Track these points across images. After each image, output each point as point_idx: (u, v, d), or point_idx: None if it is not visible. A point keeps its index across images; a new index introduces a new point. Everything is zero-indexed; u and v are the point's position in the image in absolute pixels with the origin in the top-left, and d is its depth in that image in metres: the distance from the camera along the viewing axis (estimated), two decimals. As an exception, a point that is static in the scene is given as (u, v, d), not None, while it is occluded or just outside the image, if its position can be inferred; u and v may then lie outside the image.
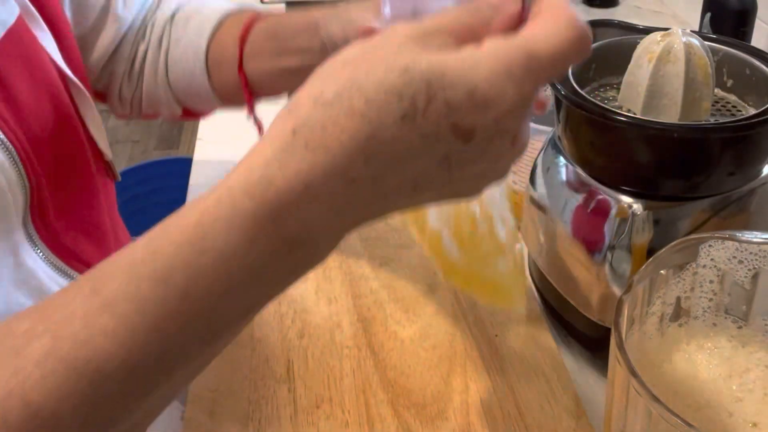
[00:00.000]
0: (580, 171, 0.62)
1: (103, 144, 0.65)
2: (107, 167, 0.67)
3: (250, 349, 0.68)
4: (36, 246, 0.56)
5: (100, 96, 0.77)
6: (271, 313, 0.72)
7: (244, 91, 0.70)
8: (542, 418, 0.61)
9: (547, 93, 0.63)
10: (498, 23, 0.35)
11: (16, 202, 0.54)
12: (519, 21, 0.36)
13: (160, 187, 1.71)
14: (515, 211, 0.83)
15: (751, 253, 0.51)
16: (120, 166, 2.32)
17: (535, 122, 0.81)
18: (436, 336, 0.69)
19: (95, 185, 0.63)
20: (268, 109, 0.73)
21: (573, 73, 0.62)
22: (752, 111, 0.60)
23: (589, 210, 0.61)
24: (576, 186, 0.62)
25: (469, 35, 0.35)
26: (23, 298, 0.54)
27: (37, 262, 0.56)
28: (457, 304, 0.72)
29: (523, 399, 0.63)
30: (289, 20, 0.67)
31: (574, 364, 0.67)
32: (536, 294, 0.73)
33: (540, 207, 0.67)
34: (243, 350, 0.68)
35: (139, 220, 1.70)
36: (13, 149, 0.53)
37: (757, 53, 0.62)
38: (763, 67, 0.61)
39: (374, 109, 0.31)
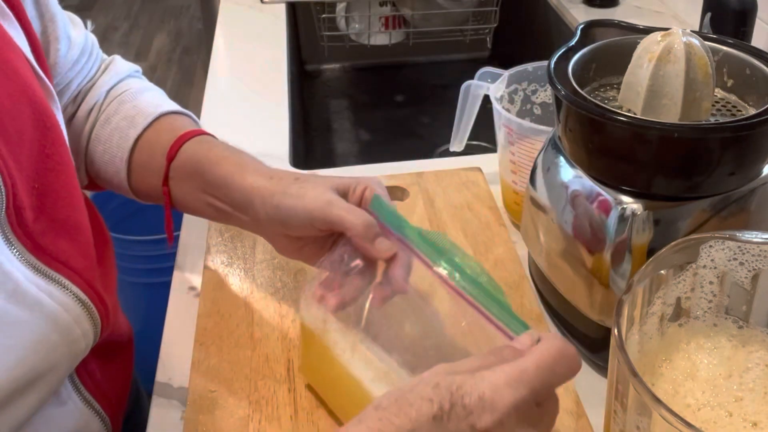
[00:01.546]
0: (580, 171, 0.62)
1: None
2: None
3: (250, 349, 0.68)
4: (12, 246, 0.55)
5: None
6: (271, 313, 0.72)
7: (165, 206, 0.70)
8: (542, 418, 0.61)
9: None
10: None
11: None
12: None
13: (160, 187, 1.71)
14: (515, 211, 0.83)
15: (751, 254, 0.51)
16: (120, 166, 2.32)
17: (536, 122, 0.81)
18: (436, 336, 0.69)
19: (73, 185, 0.62)
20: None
21: (573, 73, 0.62)
22: (752, 111, 0.60)
23: (589, 210, 0.61)
24: (576, 186, 0.62)
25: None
26: (2, 302, 0.53)
27: (13, 263, 0.55)
28: (457, 304, 0.72)
29: (523, 399, 0.63)
30: (217, 167, 0.65)
31: (574, 364, 0.67)
32: (536, 294, 0.73)
33: (540, 207, 0.67)
34: (243, 350, 0.68)
35: (139, 220, 1.70)
36: None
37: (757, 53, 0.62)
38: (764, 67, 0.61)
39: (414, 410, 0.43)
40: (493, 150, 0.87)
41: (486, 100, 0.85)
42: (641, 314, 0.51)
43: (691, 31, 0.59)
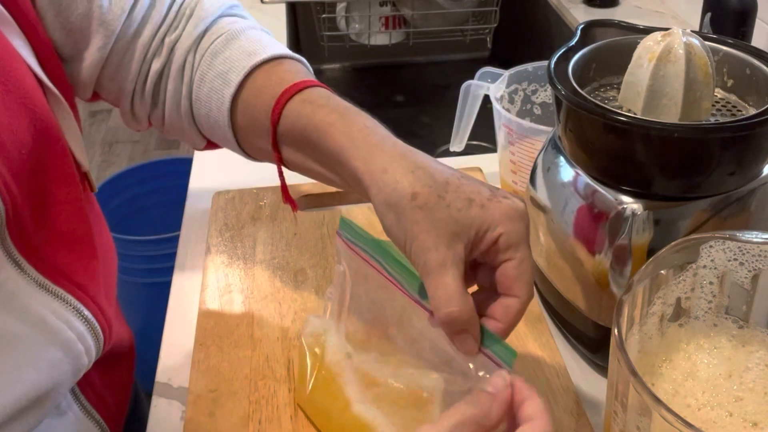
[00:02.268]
0: (580, 171, 0.62)
1: (80, 155, 0.61)
2: (85, 178, 0.63)
3: (250, 349, 0.68)
4: (16, 262, 0.53)
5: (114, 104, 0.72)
6: (271, 313, 0.72)
7: (279, 174, 0.62)
8: (542, 418, 0.61)
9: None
10: (496, 411, 0.45)
11: None
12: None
13: (160, 187, 1.71)
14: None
15: (751, 254, 0.51)
16: (120, 166, 2.33)
17: (536, 122, 0.81)
18: (436, 336, 0.69)
19: (76, 197, 0.59)
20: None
21: (573, 73, 0.62)
22: (752, 111, 0.60)
23: (589, 210, 0.61)
24: (576, 186, 0.62)
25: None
26: (4, 318, 0.52)
27: (17, 281, 0.53)
28: (457, 304, 0.72)
29: (523, 399, 0.63)
30: (326, 139, 0.55)
31: (574, 364, 0.67)
32: (536, 294, 0.73)
33: (540, 207, 0.67)
34: (243, 350, 0.68)
35: (139, 220, 1.70)
36: None
37: (757, 53, 0.62)
38: (764, 67, 0.61)
39: None
40: (493, 150, 0.87)
41: (486, 100, 0.85)
42: (641, 314, 0.51)
43: (691, 31, 0.59)
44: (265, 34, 0.67)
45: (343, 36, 1.49)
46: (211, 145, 0.70)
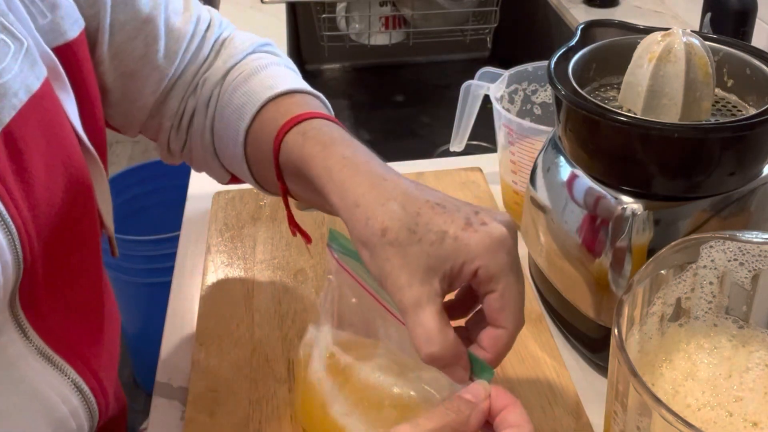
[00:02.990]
0: (580, 171, 0.62)
1: (107, 218, 0.60)
2: (108, 241, 0.62)
3: (250, 349, 0.68)
4: (21, 328, 0.51)
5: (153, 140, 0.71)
6: (271, 313, 0.72)
7: (285, 205, 0.62)
8: (542, 418, 0.61)
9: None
10: (474, 419, 0.45)
11: (6, 285, 0.48)
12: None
13: (160, 187, 1.71)
14: (515, 211, 0.83)
15: (752, 254, 0.51)
16: (120, 166, 2.33)
17: (536, 122, 0.81)
18: (436, 336, 0.69)
19: (91, 261, 0.57)
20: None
21: (573, 73, 0.62)
22: (752, 111, 0.60)
23: (589, 210, 0.61)
24: (576, 186, 0.62)
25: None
26: (5, 394, 0.50)
27: (19, 348, 0.51)
28: (457, 304, 0.72)
29: (524, 399, 0.63)
30: (310, 170, 0.53)
31: (574, 364, 0.67)
32: (536, 294, 0.73)
33: (540, 207, 0.67)
34: (243, 350, 0.68)
35: (139, 220, 1.70)
36: (14, 229, 0.48)
37: (757, 53, 0.62)
38: (764, 67, 0.61)
39: None
40: (493, 150, 0.87)
41: (486, 100, 0.85)
42: (641, 314, 0.51)
43: (692, 31, 0.59)
44: (290, 71, 0.66)
45: (343, 36, 1.49)
46: (234, 179, 0.69)
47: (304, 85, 0.63)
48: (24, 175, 0.50)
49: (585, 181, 0.62)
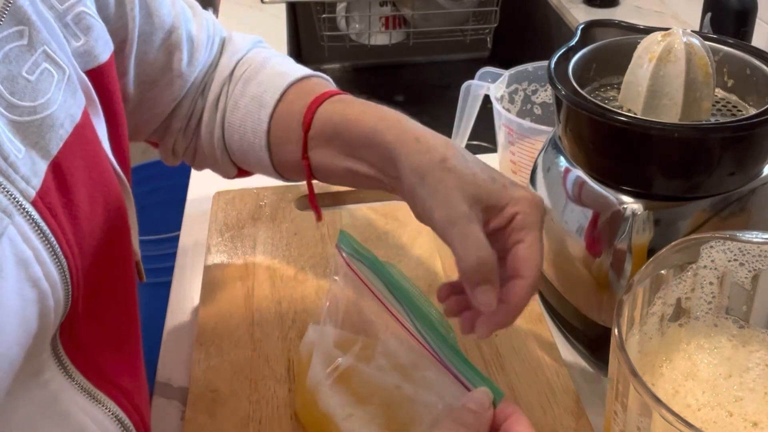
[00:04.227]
0: (580, 171, 0.62)
1: (135, 243, 0.59)
2: (136, 268, 0.61)
3: (250, 349, 0.68)
4: (62, 364, 0.50)
5: (153, 144, 0.72)
6: (271, 313, 0.72)
7: (307, 179, 0.64)
8: (542, 418, 0.61)
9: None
10: (483, 429, 0.46)
11: (55, 322, 0.48)
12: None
13: (160, 187, 1.71)
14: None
15: (752, 254, 0.51)
16: (120, 166, 2.32)
17: (536, 122, 0.81)
18: (436, 336, 0.69)
19: (127, 291, 0.57)
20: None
21: (573, 73, 0.62)
22: (753, 111, 0.60)
23: (589, 210, 0.61)
24: (576, 186, 0.62)
25: None
26: (43, 423, 0.48)
27: (60, 382, 0.49)
28: (458, 304, 0.72)
29: (524, 399, 0.63)
30: (357, 125, 0.58)
31: (574, 364, 0.67)
32: (536, 294, 0.73)
33: (540, 207, 0.67)
34: (243, 350, 0.68)
35: (139, 220, 1.70)
36: (66, 266, 0.47)
37: (757, 53, 0.62)
38: (764, 67, 0.61)
39: None
40: (494, 150, 0.87)
41: (486, 100, 0.85)
42: (641, 314, 0.51)
43: (692, 31, 0.59)
44: (290, 60, 0.70)
45: (343, 36, 1.49)
46: (241, 173, 0.71)
47: (312, 71, 0.67)
48: (72, 209, 0.49)
49: (585, 181, 0.62)
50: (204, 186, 0.90)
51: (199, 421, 0.62)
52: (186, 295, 0.77)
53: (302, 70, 0.66)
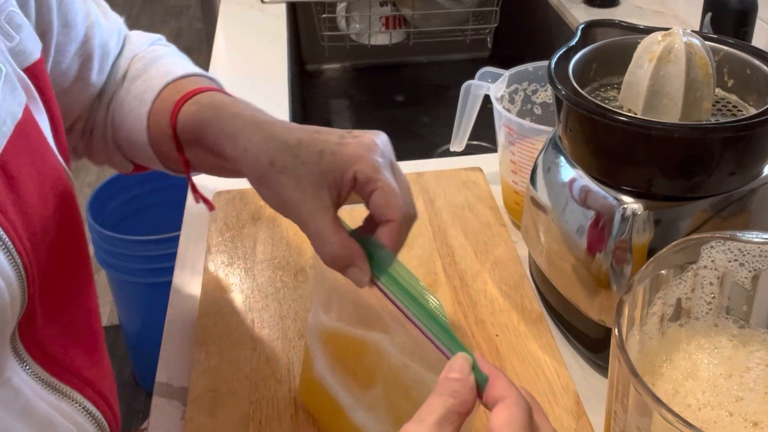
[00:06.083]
0: (580, 171, 0.62)
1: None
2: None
3: (251, 349, 0.68)
4: (22, 360, 0.50)
5: None
6: (271, 313, 0.72)
7: (186, 174, 0.66)
8: (542, 418, 0.61)
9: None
10: (471, 395, 0.44)
11: (13, 319, 0.48)
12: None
13: (160, 187, 1.71)
14: (516, 211, 0.83)
15: (752, 254, 0.51)
16: (120, 166, 2.32)
17: (536, 122, 0.81)
18: (436, 336, 0.69)
19: (84, 283, 0.57)
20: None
21: (574, 73, 0.62)
22: (753, 111, 0.60)
23: (589, 210, 0.61)
24: (576, 186, 0.62)
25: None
26: (11, 421, 0.49)
27: (23, 378, 0.50)
28: (458, 304, 0.72)
29: (524, 399, 0.63)
30: (207, 131, 0.58)
31: (574, 364, 0.67)
32: (536, 294, 0.73)
33: (540, 207, 0.67)
34: (243, 350, 0.68)
35: (139, 220, 1.70)
36: (18, 259, 0.48)
37: (758, 53, 0.62)
38: (764, 67, 0.61)
39: None
40: (494, 150, 0.87)
41: (486, 100, 0.85)
42: (642, 314, 0.51)
43: (692, 31, 0.59)
44: (184, 59, 0.71)
45: (344, 36, 1.49)
46: (138, 168, 0.72)
47: (198, 70, 0.68)
48: (22, 205, 0.50)
49: (585, 181, 0.62)
50: (204, 186, 0.90)
51: (199, 421, 0.62)
52: (186, 295, 0.76)
53: (184, 69, 0.67)
